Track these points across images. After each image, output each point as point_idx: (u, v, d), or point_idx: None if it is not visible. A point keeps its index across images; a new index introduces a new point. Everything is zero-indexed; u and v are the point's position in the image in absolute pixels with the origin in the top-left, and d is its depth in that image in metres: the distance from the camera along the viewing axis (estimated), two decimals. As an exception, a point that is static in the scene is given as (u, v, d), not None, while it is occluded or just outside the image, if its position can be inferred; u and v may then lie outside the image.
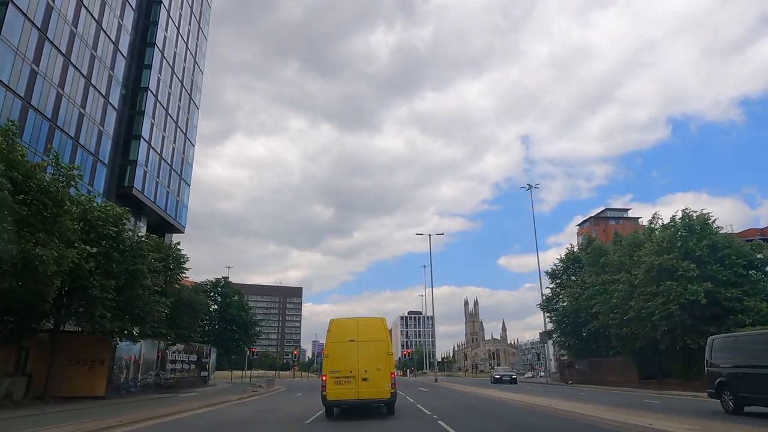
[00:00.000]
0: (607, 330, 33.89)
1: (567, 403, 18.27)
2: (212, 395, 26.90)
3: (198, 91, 71.75)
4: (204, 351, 38.26)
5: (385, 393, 13.64)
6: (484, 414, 15.81)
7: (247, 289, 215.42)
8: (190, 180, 67.69)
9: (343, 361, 13.68)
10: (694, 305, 26.27)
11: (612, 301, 32.34)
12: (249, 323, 49.54)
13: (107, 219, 21.84)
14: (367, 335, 13.97)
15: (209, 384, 38.94)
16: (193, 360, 35.32)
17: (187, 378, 33.98)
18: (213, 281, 49.30)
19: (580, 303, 37.89)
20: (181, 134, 64.49)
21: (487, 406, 18.65)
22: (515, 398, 21.61)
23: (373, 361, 13.66)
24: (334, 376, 13.61)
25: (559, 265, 45.72)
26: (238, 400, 24.69)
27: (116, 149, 51.87)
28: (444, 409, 17.62)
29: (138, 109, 54.24)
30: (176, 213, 62.35)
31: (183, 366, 33.21)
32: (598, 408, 15.56)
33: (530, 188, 67.23)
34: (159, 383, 29.11)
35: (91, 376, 23.29)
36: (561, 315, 41.47)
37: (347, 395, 13.54)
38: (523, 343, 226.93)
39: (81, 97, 42.35)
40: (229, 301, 48.19)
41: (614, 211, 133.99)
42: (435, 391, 31.44)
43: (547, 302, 45.58)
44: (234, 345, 47.74)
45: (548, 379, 49.61)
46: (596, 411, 14.28)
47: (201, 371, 37.18)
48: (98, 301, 19.90)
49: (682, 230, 29.75)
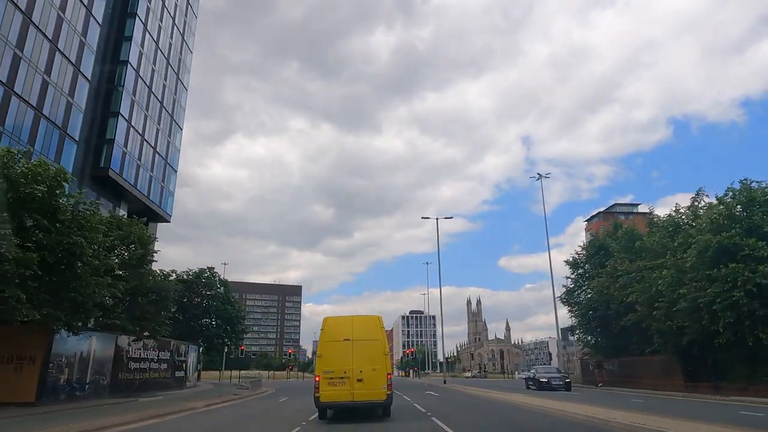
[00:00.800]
0: (647, 324, 29.08)
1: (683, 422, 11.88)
2: (180, 400, 22.17)
3: (187, 71, 66.90)
4: (180, 348, 33.46)
5: (381, 394, 13.06)
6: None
7: (246, 287, 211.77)
8: (177, 166, 62.98)
9: (337, 361, 13.13)
10: (765, 291, 21.49)
11: (652, 290, 27.55)
12: (236, 318, 44.60)
13: (35, 178, 17.06)
14: (363, 334, 13.48)
15: (187, 386, 34.17)
16: (165, 358, 30.55)
17: (158, 379, 29.22)
18: (197, 271, 44.44)
19: (610, 293, 33.06)
20: (167, 116, 59.73)
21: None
22: (616, 417, 12.58)
23: (369, 361, 13.16)
24: (328, 377, 13.07)
25: (581, 253, 40.82)
26: (206, 408, 19.96)
27: (91, 127, 47.16)
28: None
29: (116, 83, 49.53)
30: (161, 200, 57.62)
31: (152, 365, 28.44)
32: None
33: (540, 178, 64.30)
34: (118, 385, 24.35)
35: (18, 376, 18.54)
36: (585, 308, 36.57)
37: (341, 397, 12.99)
38: (527, 343, 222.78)
39: (45, 63, 37.61)
40: (213, 293, 43.26)
41: (623, 206, 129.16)
42: (451, 397, 25.64)
43: (567, 294, 40.77)
44: (219, 342, 42.86)
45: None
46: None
47: (176, 371, 32.41)
48: (11, 279, 15.13)
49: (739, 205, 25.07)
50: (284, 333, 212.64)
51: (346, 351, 13.13)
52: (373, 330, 13.70)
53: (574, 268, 40.96)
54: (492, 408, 18.57)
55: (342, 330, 13.52)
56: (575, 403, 18.72)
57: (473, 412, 17.27)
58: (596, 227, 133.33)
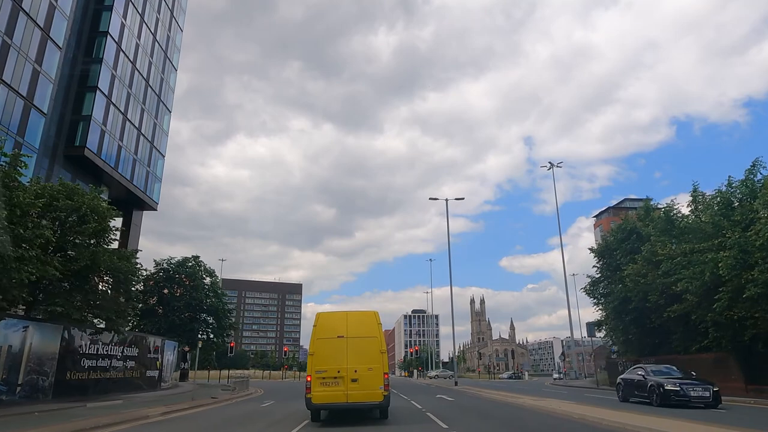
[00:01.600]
0: (697, 315, 24.69)
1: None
2: (138, 406, 17.91)
3: (176, 50, 62.64)
4: (152, 344, 29.17)
5: (377, 395, 12.19)
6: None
7: (245, 285, 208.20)
8: (165, 150, 58.75)
9: (331, 359, 12.37)
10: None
11: (705, 276, 23.17)
12: (222, 311, 40.15)
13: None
14: (358, 331, 12.73)
15: (161, 387, 29.87)
16: (133, 355, 26.25)
17: (122, 379, 24.94)
18: (180, 259, 40.08)
19: (647, 282, 28.64)
20: (154, 96, 55.48)
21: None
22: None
23: (364, 360, 12.36)
24: (320, 377, 12.25)
25: (609, 238, 36.32)
26: (162, 416, 15.69)
27: (65, 101, 42.99)
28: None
29: (95, 56, 45.31)
30: (146, 186, 53.41)
31: (113, 363, 24.15)
32: None
33: (552, 167, 60.34)
34: (65, 387, 20.07)
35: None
36: (617, 299, 32.09)
37: (334, 398, 12.16)
38: (531, 343, 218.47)
39: (5, 23, 33.38)
40: (197, 284, 38.85)
41: (635, 201, 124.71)
42: (488, 410, 17.00)
43: (592, 286, 36.33)
44: (204, 338, 38.44)
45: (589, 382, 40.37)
46: None
47: (147, 370, 28.12)
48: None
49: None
50: (284, 332, 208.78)
51: (339, 349, 12.39)
52: (369, 326, 12.83)
53: (600, 257, 36.51)
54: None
55: (336, 326, 12.75)
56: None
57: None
58: (606, 223, 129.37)
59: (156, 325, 35.59)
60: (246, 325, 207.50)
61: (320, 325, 12.77)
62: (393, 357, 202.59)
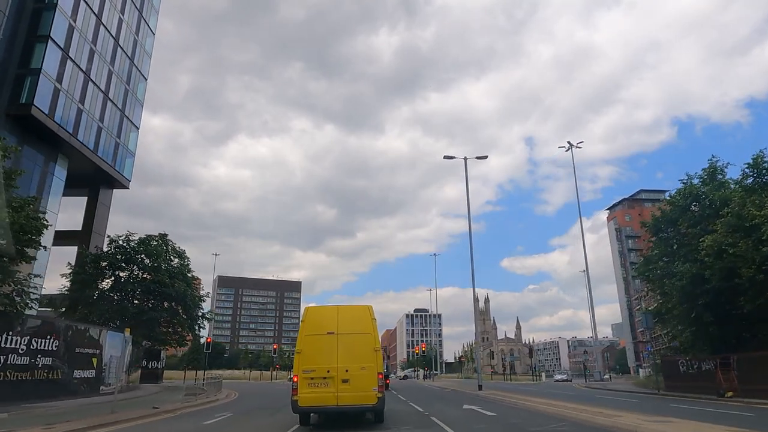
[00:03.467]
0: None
1: None
2: (24, 423, 11.11)
3: (155, 12, 55.83)
4: (83, 335, 22.32)
5: (371, 398, 11.16)
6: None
7: (243, 282, 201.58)
8: (139, 122, 51.99)
9: (320, 357, 11.39)
10: None
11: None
12: (191, 299, 33.04)
13: None
14: (350, 327, 11.69)
15: (102, 391, 23.06)
16: (49, 349, 19.43)
17: (28, 381, 18.15)
18: (143, 237, 33.17)
19: (735, 255, 21.66)
20: (125, 58, 48.74)
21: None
22: None
23: (357, 359, 11.37)
24: (308, 377, 11.25)
25: (667, 209, 29.25)
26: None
27: (10, 51, 36.30)
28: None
29: (47, 0, 38.59)
30: (115, 159, 46.68)
31: (14, 360, 17.37)
32: None
33: (570, 148, 54.92)
34: None
35: None
36: (685, 278, 24.81)
37: (323, 400, 11.15)
38: (536, 344, 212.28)
39: None
40: (158, 264, 31.81)
41: (650, 192, 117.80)
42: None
43: (644, 266, 29.38)
44: (167, 330, 31.41)
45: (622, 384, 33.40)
46: None
47: (75, 369, 21.29)
48: None
49: None
50: (282, 331, 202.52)
51: (329, 346, 11.42)
52: (362, 322, 11.77)
53: (654, 232, 29.52)
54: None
55: (325, 322, 11.77)
56: None
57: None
58: (620, 215, 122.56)
59: (107, 314, 28.75)
60: (243, 324, 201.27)
61: (308, 320, 11.98)
62: (395, 357, 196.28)
